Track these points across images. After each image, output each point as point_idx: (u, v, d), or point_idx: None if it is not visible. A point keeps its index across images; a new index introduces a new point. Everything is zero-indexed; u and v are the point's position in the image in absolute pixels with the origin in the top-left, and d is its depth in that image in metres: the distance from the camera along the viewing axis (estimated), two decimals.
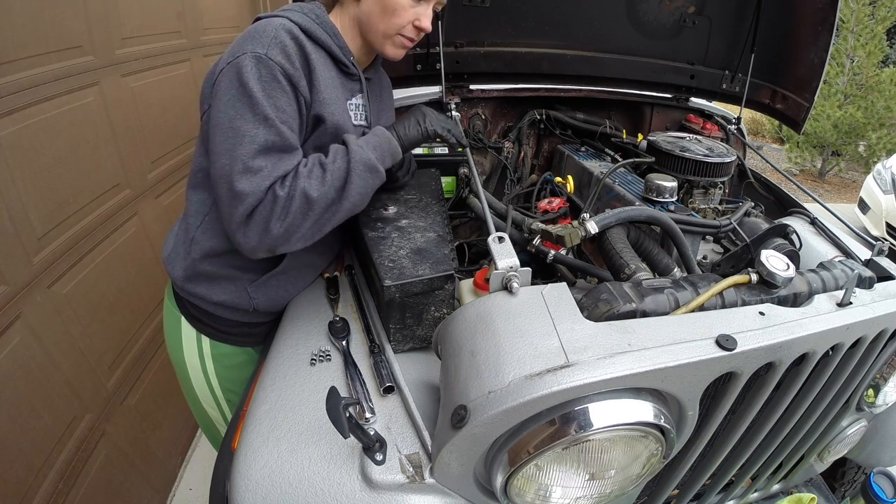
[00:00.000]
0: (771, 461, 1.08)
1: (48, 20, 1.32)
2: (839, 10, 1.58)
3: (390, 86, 1.29)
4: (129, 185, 1.69)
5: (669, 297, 0.82)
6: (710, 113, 2.01)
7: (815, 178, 6.68)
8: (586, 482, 0.74)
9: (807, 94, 1.75)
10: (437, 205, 1.17)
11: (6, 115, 1.20)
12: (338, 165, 0.90)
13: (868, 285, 0.91)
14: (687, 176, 1.43)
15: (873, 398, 1.05)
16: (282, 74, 0.86)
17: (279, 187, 0.86)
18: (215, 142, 0.86)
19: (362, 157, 0.92)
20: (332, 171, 0.90)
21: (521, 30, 1.75)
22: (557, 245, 1.12)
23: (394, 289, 0.90)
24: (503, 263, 0.78)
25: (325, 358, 0.94)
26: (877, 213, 4.34)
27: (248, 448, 0.79)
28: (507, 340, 0.70)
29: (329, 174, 0.89)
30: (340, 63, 0.99)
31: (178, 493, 1.94)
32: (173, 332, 1.13)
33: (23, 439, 1.25)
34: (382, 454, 0.75)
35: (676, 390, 0.71)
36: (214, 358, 1.13)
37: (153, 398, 1.83)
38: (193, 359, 1.13)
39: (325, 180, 0.89)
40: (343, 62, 0.99)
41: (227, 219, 0.88)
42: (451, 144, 1.22)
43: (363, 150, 0.93)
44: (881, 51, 6.21)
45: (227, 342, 1.13)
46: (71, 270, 1.43)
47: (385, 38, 0.98)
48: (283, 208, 0.86)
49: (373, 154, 0.93)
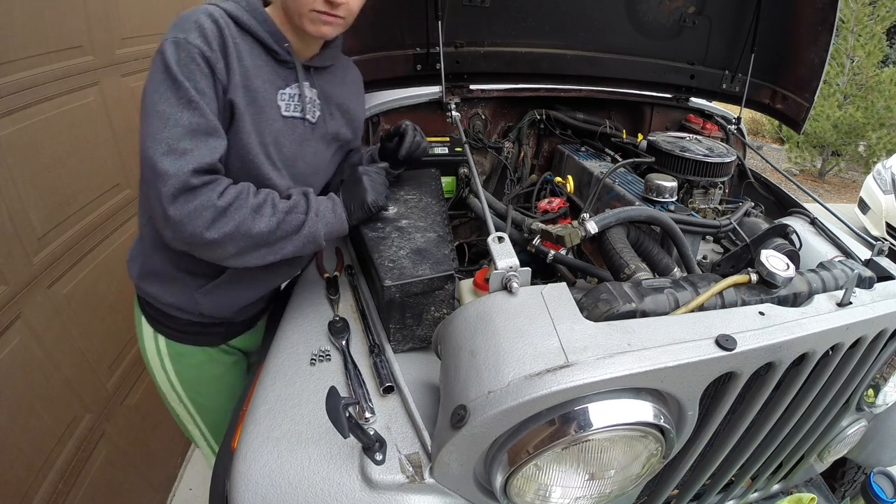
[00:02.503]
0: (771, 461, 1.08)
1: (48, 20, 1.32)
2: (839, 10, 1.58)
3: (359, 80, 1.24)
4: (129, 185, 1.69)
5: (669, 297, 0.82)
6: (710, 113, 2.01)
7: (815, 178, 6.68)
8: (586, 482, 0.74)
9: (807, 94, 1.75)
10: (437, 205, 1.17)
11: (6, 115, 1.20)
12: (290, 219, 0.92)
13: (868, 285, 0.91)
14: (687, 176, 1.43)
15: (873, 398, 1.05)
16: (200, 56, 0.86)
17: (219, 196, 0.85)
18: (143, 127, 0.85)
19: (312, 230, 0.94)
20: (281, 219, 0.91)
21: (521, 30, 1.75)
22: (557, 245, 1.12)
23: (394, 289, 0.90)
24: (503, 263, 0.78)
25: (325, 358, 0.94)
26: (877, 213, 4.34)
27: (247, 448, 0.79)
28: (507, 340, 0.70)
29: (277, 219, 0.90)
30: (271, 51, 0.97)
31: (178, 493, 1.94)
32: (137, 331, 1.14)
33: (23, 439, 1.25)
34: (382, 454, 0.75)
35: (676, 390, 0.71)
36: (172, 357, 1.14)
37: (153, 398, 1.82)
38: (154, 358, 1.14)
39: (269, 222, 0.89)
40: (274, 49, 0.97)
41: (153, 202, 0.85)
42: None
43: (318, 222, 0.94)
44: (881, 51, 6.21)
45: (183, 342, 1.14)
46: (71, 270, 1.43)
47: (300, 16, 0.94)
48: (213, 218, 0.85)
49: (323, 230, 0.95)
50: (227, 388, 1.22)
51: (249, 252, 0.91)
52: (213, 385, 1.22)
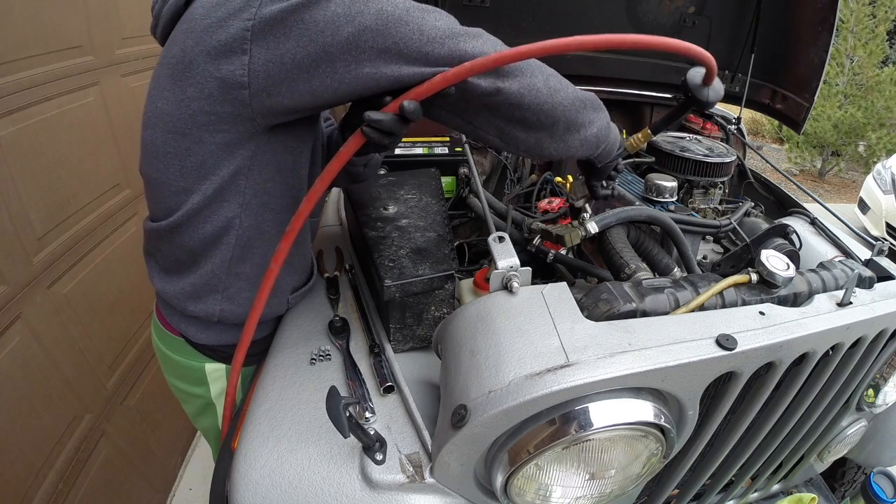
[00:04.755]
0: (771, 461, 1.08)
1: (48, 20, 1.32)
2: (839, 10, 1.58)
3: None
4: (129, 185, 1.69)
5: (669, 296, 0.82)
6: (710, 113, 2.01)
7: (815, 178, 6.68)
8: (586, 482, 0.74)
9: (807, 94, 1.75)
10: (437, 205, 1.17)
11: (6, 115, 1.20)
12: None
13: (868, 285, 0.91)
14: (687, 176, 1.43)
15: (873, 398, 1.05)
16: None
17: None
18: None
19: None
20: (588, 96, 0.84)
21: (521, 30, 1.75)
22: (557, 245, 1.12)
23: (394, 288, 0.90)
24: (503, 263, 0.77)
25: (325, 358, 0.94)
26: (877, 213, 4.34)
27: (248, 448, 0.79)
28: (508, 340, 0.70)
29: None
30: None
31: (178, 493, 1.94)
32: (197, 388, 1.07)
33: (23, 439, 1.25)
34: (382, 454, 0.75)
35: (676, 390, 0.71)
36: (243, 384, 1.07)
37: (153, 398, 1.83)
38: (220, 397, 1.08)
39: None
40: None
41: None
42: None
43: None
44: (881, 51, 6.22)
45: (250, 363, 1.06)
46: (71, 270, 1.43)
47: None
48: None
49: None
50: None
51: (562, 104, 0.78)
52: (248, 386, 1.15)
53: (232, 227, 0.84)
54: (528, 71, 0.74)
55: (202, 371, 1.02)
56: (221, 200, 0.82)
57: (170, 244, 0.88)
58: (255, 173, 0.81)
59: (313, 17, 0.65)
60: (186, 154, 0.79)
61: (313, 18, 0.65)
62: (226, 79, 0.70)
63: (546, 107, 0.77)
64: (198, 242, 0.85)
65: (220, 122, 0.75)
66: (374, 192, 1.20)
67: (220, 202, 0.82)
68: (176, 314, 0.96)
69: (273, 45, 0.67)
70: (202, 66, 0.71)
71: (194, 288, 0.90)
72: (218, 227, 0.84)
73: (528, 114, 0.77)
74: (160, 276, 0.95)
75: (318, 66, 0.67)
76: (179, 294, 0.91)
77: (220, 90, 0.72)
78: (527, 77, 0.74)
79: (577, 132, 0.84)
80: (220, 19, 0.69)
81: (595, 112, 0.86)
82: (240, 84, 0.70)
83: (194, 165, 0.79)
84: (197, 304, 0.91)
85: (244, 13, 0.67)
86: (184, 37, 0.74)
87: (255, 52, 0.67)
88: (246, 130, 0.76)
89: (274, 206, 0.86)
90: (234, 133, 0.76)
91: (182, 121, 0.76)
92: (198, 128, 0.76)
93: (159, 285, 0.94)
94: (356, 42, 0.66)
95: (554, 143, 0.83)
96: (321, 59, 0.67)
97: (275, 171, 0.83)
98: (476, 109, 0.77)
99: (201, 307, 0.91)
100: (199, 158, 0.79)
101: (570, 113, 0.80)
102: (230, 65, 0.69)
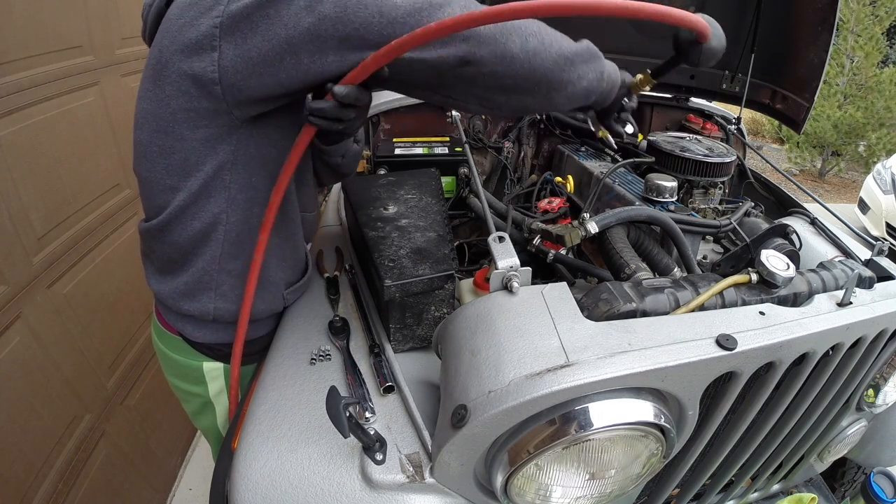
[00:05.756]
0: (771, 461, 1.08)
1: (48, 20, 1.32)
2: (839, 10, 1.58)
3: None
4: (129, 185, 1.69)
5: (669, 296, 0.82)
6: (710, 113, 2.01)
7: (815, 178, 6.68)
8: (586, 482, 0.74)
9: (807, 94, 1.75)
10: (437, 205, 1.17)
11: (6, 115, 1.20)
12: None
13: (868, 285, 0.91)
14: (687, 176, 1.43)
15: (873, 398, 1.05)
16: None
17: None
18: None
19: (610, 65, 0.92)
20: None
21: None
22: (557, 245, 1.12)
23: (394, 288, 0.90)
24: (503, 263, 0.77)
25: (325, 357, 0.94)
26: (877, 213, 4.34)
27: (248, 448, 0.79)
28: (508, 340, 0.70)
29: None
30: None
31: (178, 493, 1.94)
32: (200, 388, 1.07)
33: (23, 439, 1.25)
34: (382, 454, 0.75)
35: (676, 390, 0.71)
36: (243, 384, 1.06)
37: (153, 398, 1.83)
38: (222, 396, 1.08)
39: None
40: None
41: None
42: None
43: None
44: (881, 51, 6.22)
45: (249, 363, 1.06)
46: (71, 270, 1.43)
47: None
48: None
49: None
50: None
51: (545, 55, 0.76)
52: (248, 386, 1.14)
53: (219, 223, 0.85)
54: (502, 35, 0.71)
55: (200, 370, 1.02)
56: (207, 196, 0.83)
57: (162, 243, 0.89)
58: (240, 168, 0.82)
59: (278, 12, 0.66)
60: (171, 151, 0.80)
61: (278, 13, 0.66)
62: (198, 76, 0.72)
63: (523, 71, 0.75)
64: (187, 240, 0.86)
65: (200, 117, 0.76)
66: (374, 192, 1.20)
67: (206, 198, 0.83)
68: (173, 313, 0.97)
69: (241, 40, 0.68)
70: (177, 64, 0.73)
71: (187, 287, 0.91)
72: (206, 224, 0.85)
73: (506, 80, 0.76)
74: (155, 277, 0.96)
75: (282, 58, 0.68)
76: (174, 293, 0.92)
77: (196, 87, 0.73)
78: (499, 43, 0.71)
79: (563, 89, 0.82)
80: (192, 18, 0.70)
81: (585, 64, 0.83)
82: (211, 80, 0.71)
83: (178, 162, 0.81)
84: (191, 302, 0.92)
85: (213, 11, 0.68)
86: (161, 37, 0.76)
87: (224, 48, 0.69)
88: (225, 124, 0.78)
89: (261, 202, 0.86)
90: (214, 128, 0.78)
91: (164, 119, 0.78)
92: (179, 125, 0.77)
93: (155, 286, 0.95)
94: (316, 32, 0.66)
95: (538, 102, 0.82)
96: (285, 52, 0.68)
97: (259, 166, 0.84)
98: (451, 83, 0.76)
99: (196, 306, 0.92)
100: (183, 155, 0.80)
101: (554, 73, 0.78)
102: (201, 62, 0.71)
